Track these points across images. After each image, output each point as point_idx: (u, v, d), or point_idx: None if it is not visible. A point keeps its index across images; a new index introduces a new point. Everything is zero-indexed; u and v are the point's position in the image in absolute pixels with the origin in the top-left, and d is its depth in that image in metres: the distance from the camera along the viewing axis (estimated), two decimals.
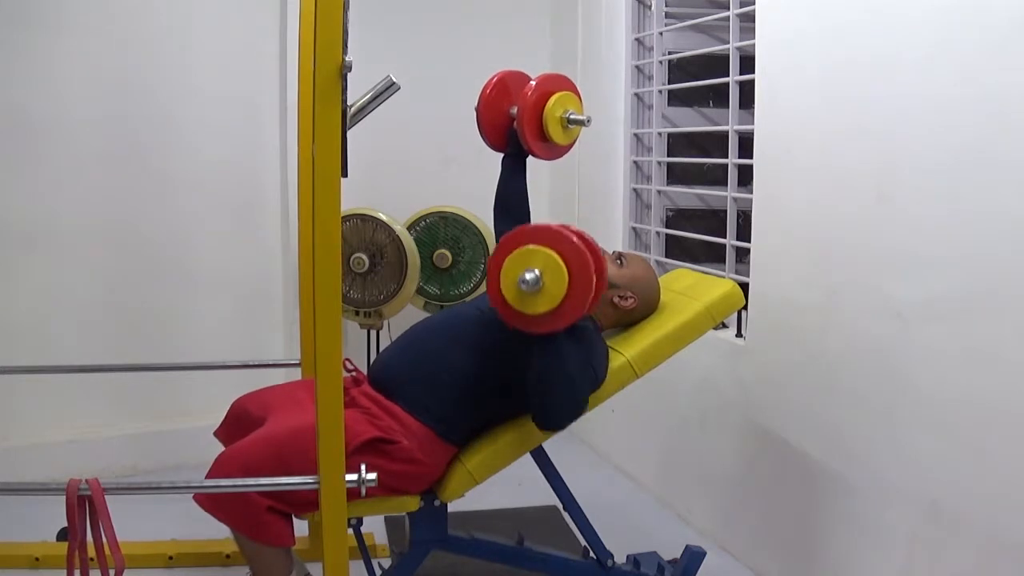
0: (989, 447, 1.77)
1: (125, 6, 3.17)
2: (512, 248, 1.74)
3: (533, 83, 2.15)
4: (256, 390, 2.15)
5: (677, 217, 3.23)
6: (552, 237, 1.72)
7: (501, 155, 2.32)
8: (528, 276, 1.68)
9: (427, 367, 1.97)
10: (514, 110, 2.23)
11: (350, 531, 1.87)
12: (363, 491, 1.63)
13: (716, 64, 2.81)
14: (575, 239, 1.72)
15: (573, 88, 2.24)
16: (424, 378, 1.94)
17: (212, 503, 1.76)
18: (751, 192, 2.55)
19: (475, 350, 1.97)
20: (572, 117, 2.19)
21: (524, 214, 2.32)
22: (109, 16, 3.14)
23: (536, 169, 4.10)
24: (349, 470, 1.64)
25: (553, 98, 2.14)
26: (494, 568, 2.16)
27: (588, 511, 2.07)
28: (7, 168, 3.07)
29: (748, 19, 2.60)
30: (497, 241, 2.32)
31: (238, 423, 2.07)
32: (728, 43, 2.68)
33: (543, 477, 2.06)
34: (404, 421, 1.89)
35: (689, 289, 2.22)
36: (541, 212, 4.21)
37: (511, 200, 2.31)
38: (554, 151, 2.27)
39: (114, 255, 3.24)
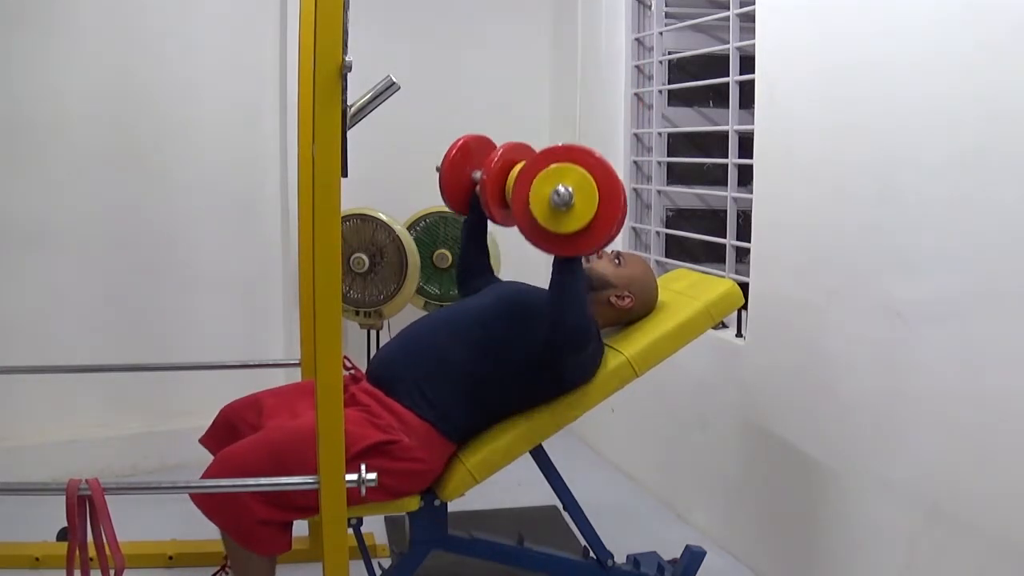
0: (990, 447, 1.77)
1: (126, 6, 3.17)
2: (542, 166, 1.74)
3: (499, 150, 2.12)
4: (245, 396, 2.12)
5: (677, 217, 3.23)
6: (583, 157, 1.73)
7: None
8: (562, 190, 1.68)
9: (427, 363, 1.97)
10: (477, 174, 2.20)
11: (350, 531, 1.87)
12: (363, 491, 1.63)
13: (716, 64, 2.81)
14: (605, 160, 1.74)
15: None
16: (424, 374, 1.94)
17: (208, 504, 1.76)
18: (751, 192, 2.56)
19: (476, 347, 1.97)
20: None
21: (489, 275, 2.33)
22: (109, 16, 3.14)
23: None
24: (349, 472, 1.64)
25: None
26: (494, 568, 2.16)
27: (588, 511, 2.07)
28: (7, 168, 3.07)
29: (748, 19, 2.60)
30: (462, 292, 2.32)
31: (229, 430, 2.05)
32: (728, 43, 2.68)
33: (543, 477, 2.07)
34: (403, 418, 1.89)
35: (689, 288, 2.23)
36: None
37: (475, 267, 2.33)
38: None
39: (114, 255, 3.24)
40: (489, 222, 2.28)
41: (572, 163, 1.72)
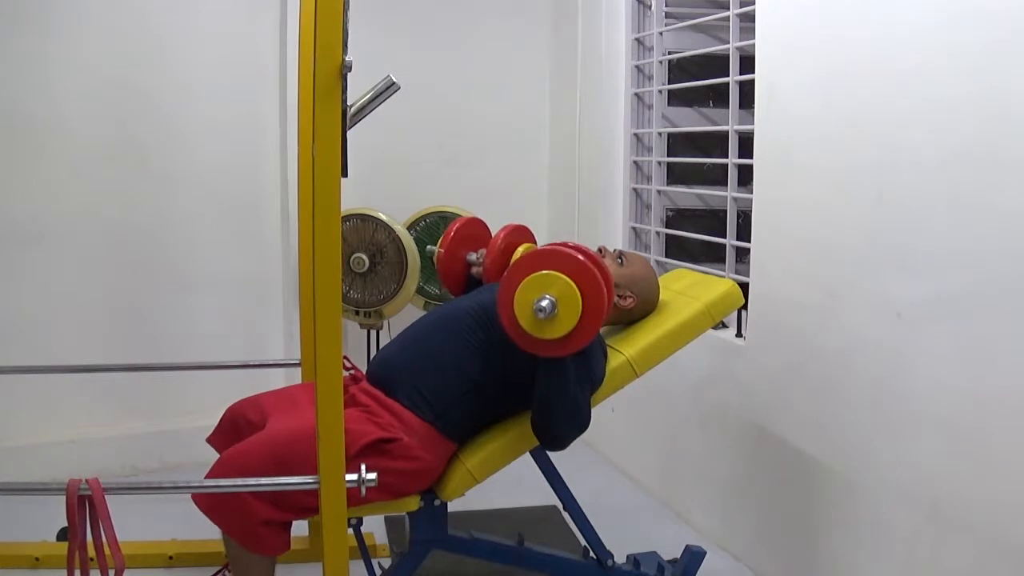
0: (989, 447, 1.77)
1: (126, 6, 3.17)
2: (528, 271, 1.75)
3: (501, 234, 2.21)
4: (250, 396, 2.14)
5: (677, 217, 3.23)
6: (568, 263, 1.74)
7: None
8: (544, 304, 1.70)
9: (427, 363, 1.97)
10: (472, 256, 2.31)
11: (350, 531, 1.87)
12: (363, 491, 1.63)
13: (716, 64, 2.81)
14: (590, 265, 1.74)
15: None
16: (424, 374, 1.95)
17: (209, 505, 1.77)
18: (751, 192, 2.56)
19: (474, 347, 1.97)
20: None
21: None
22: (109, 16, 3.14)
23: (536, 168, 4.12)
24: (349, 471, 1.64)
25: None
26: (494, 568, 2.16)
27: (588, 511, 2.07)
28: (7, 168, 3.07)
29: (748, 19, 2.60)
30: None
31: (234, 429, 2.07)
32: (728, 43, 2.68)
33: (543, 477, 2.07)
34: (403, 417, 1.89)
35: (689, 288, 2.23)
36: (541, 213, 4.17)
37: None
38: None
39: (114, 255, 3.24)
40: None
41: (558, 271, 1.72)
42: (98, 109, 3.16)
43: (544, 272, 1.73)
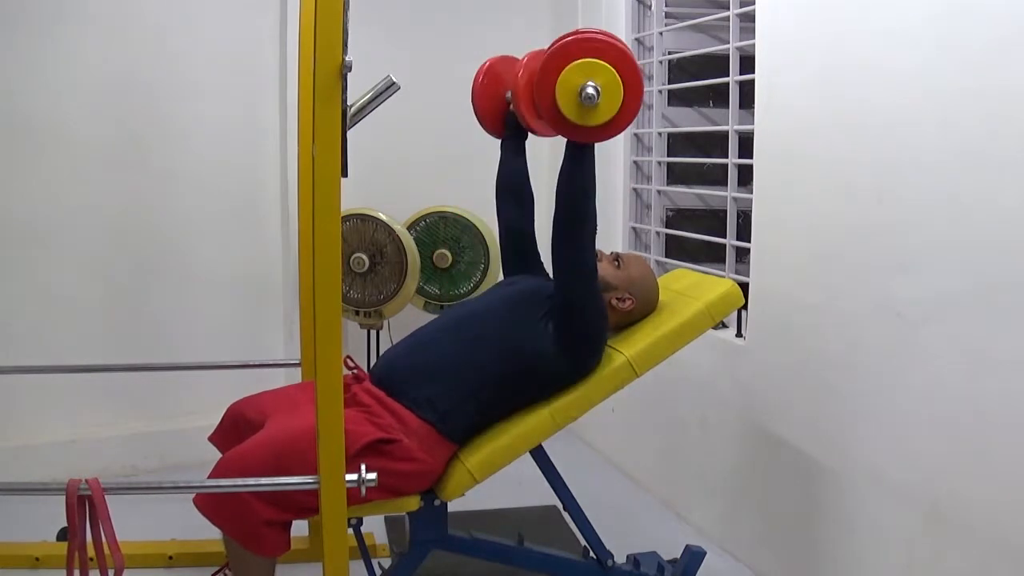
0: (989, 448, 1.77)
1: (126, 6, 3.17)
2: (570, 58, 1.76)
3: (523, 62, 2.17)
4: (252, 395, 2.15)
5: (677, 217, 3.23)
6: (609, 51, 1.76)
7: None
8: (591, 90, 1.73)
9: (433, 366, 1.97)
10: (509, 94, 2.26)
11: (350, 531, 1.87)
12: (363, 491, 1.63)
13: (716, 64, 2.81)
14: (629, 52, 1.78)
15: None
16: (427, 375, 1.95)
17: (210, 508, 1.77)
18: (751, 192, 2.56)
19: (479, 347, 1.97)
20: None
21: (526, 195, 2.36)
22: (110, 15, 3.14)
23: (536, 168, 4.10)
24: (349, 472, 1.64)
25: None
26: (494, 568, 2.16)
27: (588, 511, 2.07)
28: (7, 168, 3.07)
29: (748, 19, 2.60)
30: (501, 224, 2.35)
31: (235, 428, 2.07)
32: (728, 43, 2.69)
33: (543, 477, 2.07)
34: (404, 418, 1.89)
35: (688, 289, 2.22)
36: (541, 211, 4.20)
37: (512, 181, 2.35)
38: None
39: (114, 255, 3.24)
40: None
41: (602, 60, 1.74)
42: (98, 108, 3.16)
43: (588, 60, 1.75)
